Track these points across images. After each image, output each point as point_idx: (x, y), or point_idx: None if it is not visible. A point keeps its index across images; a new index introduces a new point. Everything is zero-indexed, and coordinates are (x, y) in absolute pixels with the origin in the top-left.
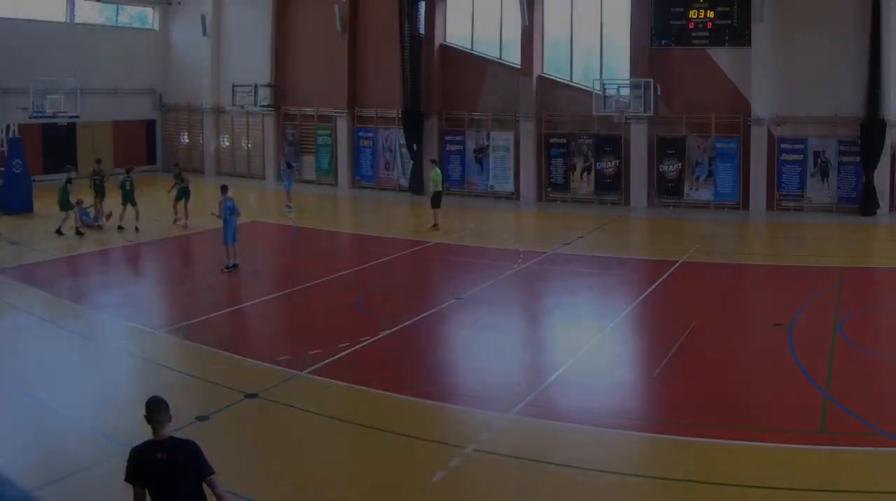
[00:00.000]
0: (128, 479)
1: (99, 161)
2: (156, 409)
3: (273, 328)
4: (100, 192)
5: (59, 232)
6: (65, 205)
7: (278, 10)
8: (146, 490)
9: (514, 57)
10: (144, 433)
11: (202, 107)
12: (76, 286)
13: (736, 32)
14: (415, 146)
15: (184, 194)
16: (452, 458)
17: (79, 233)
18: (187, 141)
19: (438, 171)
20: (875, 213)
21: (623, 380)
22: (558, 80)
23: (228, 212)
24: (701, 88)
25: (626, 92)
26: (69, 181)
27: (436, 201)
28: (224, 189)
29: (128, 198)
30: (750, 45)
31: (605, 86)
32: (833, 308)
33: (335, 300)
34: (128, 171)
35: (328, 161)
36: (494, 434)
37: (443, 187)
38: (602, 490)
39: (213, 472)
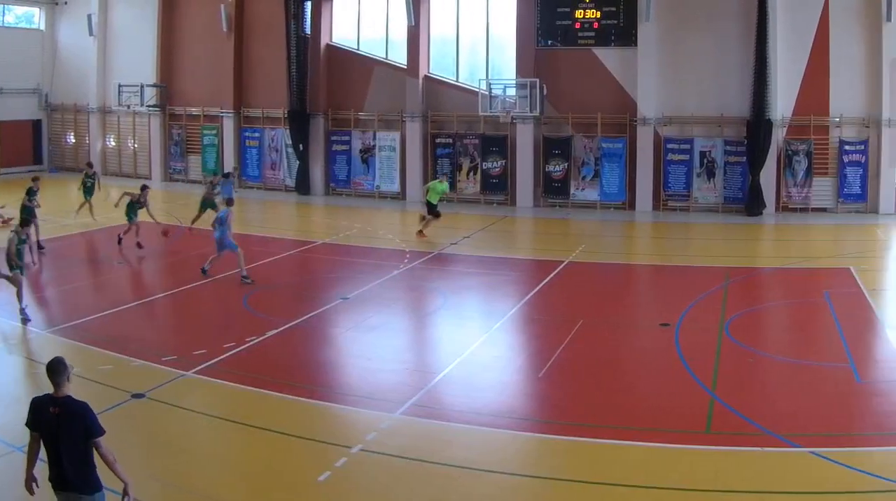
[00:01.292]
0: (27, 424)
1: (90, 164)
2: (54, 369)
3: (160, 328)
4: (89, 194)
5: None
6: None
7: (164, 10)
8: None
9: (400, 57)
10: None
11: (88, 107)
12: None
13: (622, 32)
14: (301, 146)
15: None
16: (339, 458)
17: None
18: (73, 140)
19: (447, 185)
20: (761, 214)
21: (509, 380)
22: (444, 79)
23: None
24: (587, 88)
25: (512, 92)
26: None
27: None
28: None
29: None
30: (636, 45)
31: (492, 86)
32: (719, 308)
33: (222, 300)
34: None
35: (214, 161)
36: (381, 435)
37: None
38: (488, 491)
39: (100, 434)
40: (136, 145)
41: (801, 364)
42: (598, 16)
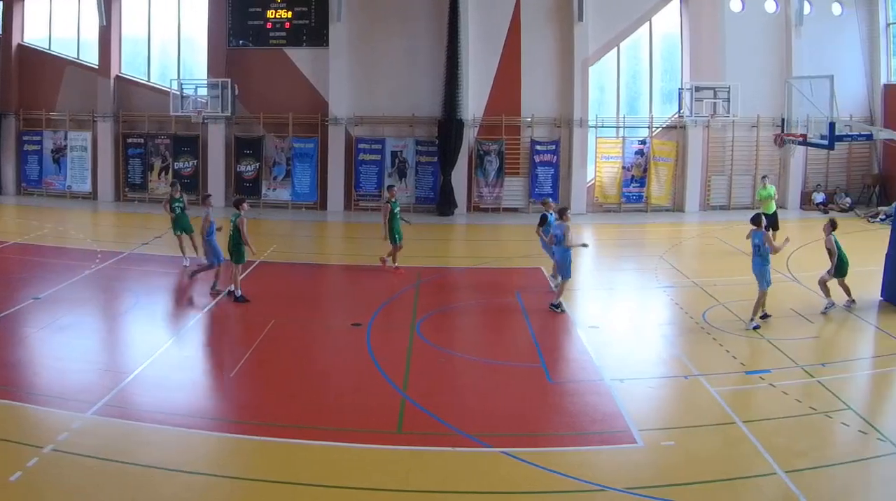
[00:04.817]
0: None
1: (174, 184)
2: None
3: None
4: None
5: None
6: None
7: None
8: None
9: (92, 57)
10: None
11: None
12: None
13: (313, 33)
14: None
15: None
16: (30, 458)
17: None
18: None
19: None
20: (452, 213)
21: (200, 380)
22: (136, 80)
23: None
24: (279, 88)
25: (203, 92)
26: None
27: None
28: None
29: None
30: (328, 45)
31: (183, 87)
32: (411, 308)
33: None
34: None
35: None
36: (73, 434)
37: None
38: (180, 491)
39: None
40: None
41: (492, 364)
42: (290, 16)
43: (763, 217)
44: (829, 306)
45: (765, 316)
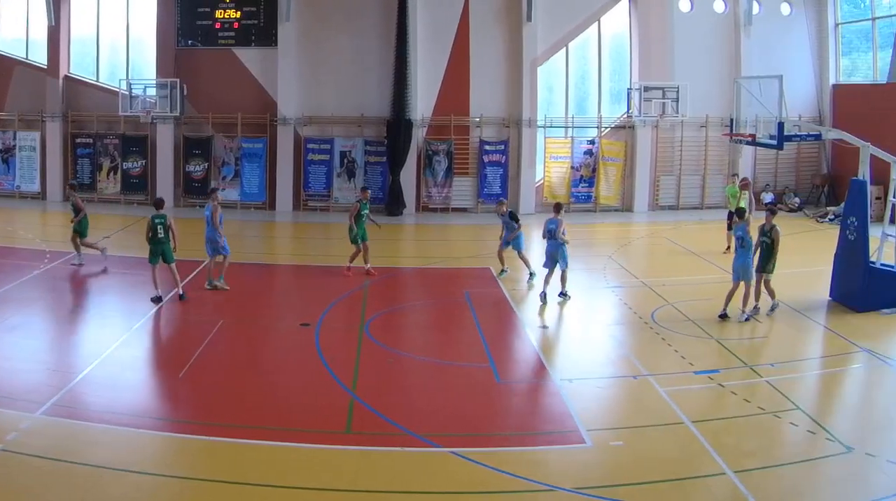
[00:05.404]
0: None
1: (73, 186)
2: None
3: None
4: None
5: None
6: None
7: None
8: None
9: (40, 57)
10: None
11: None
12: None
13: (262, 32)
14: None
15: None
16: None
17: None
18: None
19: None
20: (402, 213)
21: (149, 380)
22: (85, 79)
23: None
24: (227, 88)
25: (152, 92)
26: None
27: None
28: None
29: None
30: (276, 45)
31: (132, 87)
32: (360, 307)
33: None
34: None
35: None
36: (22, 435)
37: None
38: (129, 491)
39: None
40: None
41: (441, 364)
42: (239, 16)
43: (744, 210)
44: (775, 306)
45: (723, 316)
